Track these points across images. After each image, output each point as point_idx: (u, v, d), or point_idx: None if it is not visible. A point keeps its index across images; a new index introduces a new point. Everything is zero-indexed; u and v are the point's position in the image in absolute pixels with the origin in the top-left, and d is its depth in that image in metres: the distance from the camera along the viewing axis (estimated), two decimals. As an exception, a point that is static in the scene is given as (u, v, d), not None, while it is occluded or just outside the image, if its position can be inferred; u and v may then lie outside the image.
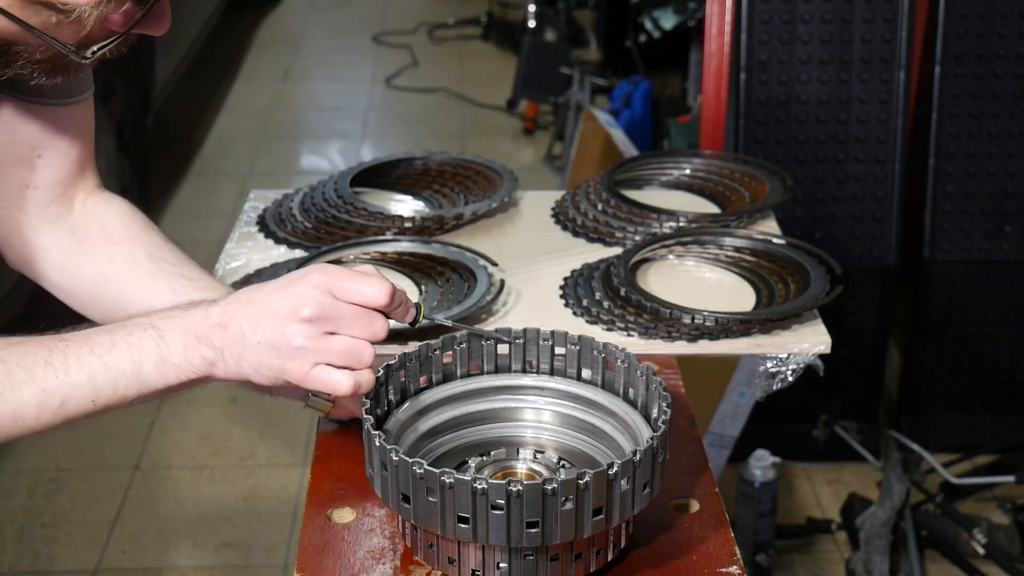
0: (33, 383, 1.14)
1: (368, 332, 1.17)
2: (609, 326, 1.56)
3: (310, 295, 1.16)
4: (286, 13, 6.83)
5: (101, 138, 3.58)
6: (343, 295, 1.17)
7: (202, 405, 3.22)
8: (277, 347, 1.17)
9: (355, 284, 1.17)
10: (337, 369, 1.17)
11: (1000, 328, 2.93)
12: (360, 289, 1.17)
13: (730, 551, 1.19)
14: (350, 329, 1.17)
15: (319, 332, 1.16)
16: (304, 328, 1.16)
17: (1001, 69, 2.79)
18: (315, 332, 1.16)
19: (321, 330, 1.16)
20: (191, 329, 1.18)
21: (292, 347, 1.16)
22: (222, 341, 1.18)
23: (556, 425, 1.30)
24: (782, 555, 2.70)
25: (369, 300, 1.17)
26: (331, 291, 1.16)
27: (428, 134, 5.11)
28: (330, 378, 1.17)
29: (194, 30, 4.78)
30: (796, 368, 1.54)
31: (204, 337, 1.18)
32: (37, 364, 1.15)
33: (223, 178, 4.70)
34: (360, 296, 1.17)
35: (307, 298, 1.16)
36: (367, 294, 1.17)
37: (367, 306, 1.17)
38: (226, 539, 2.77)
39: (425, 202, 1.93)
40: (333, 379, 1.17)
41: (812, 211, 2.83)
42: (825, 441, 2.91)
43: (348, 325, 1.17)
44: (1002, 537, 2.62)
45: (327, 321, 1.16)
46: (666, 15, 4.14)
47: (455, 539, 1.11)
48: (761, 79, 2.78)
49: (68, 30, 1.11)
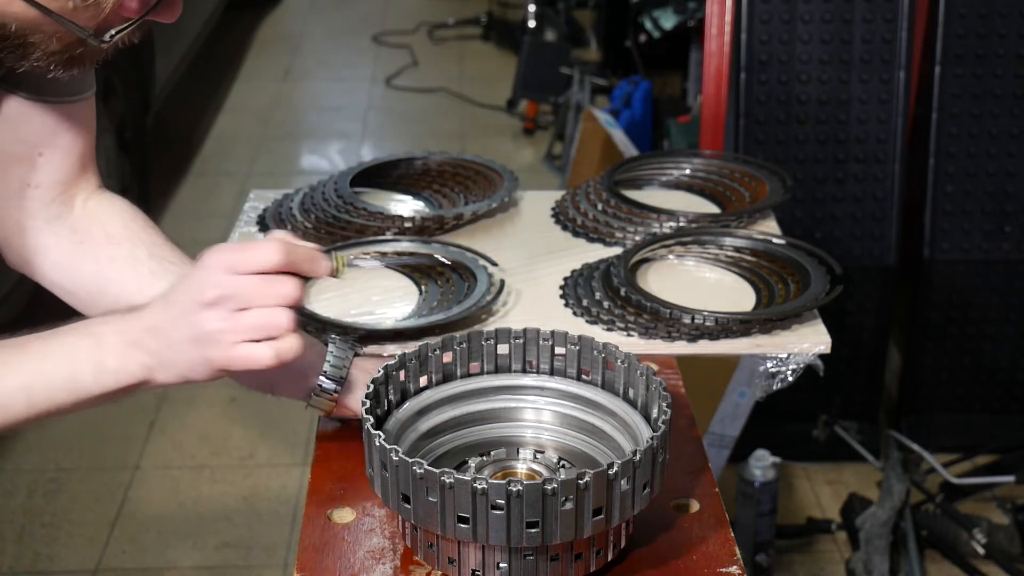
0: None
1: (277, 297, 1.14)
2: (609, 326, 1.56)
3: (208, 278, 1.14)
4: (286, 13, 6.83)
5: (101, 138, 3.56)
6: (240, 267, 1.14)
7: (202, 405, 3.22)
8: (196, 339, 1.15)
9: (246, 253, 1.14)
10: (257, 343, 1.14)
11: (1000, 328, 2.93)
12: (252, 256, 1.14)
13: (730, 551, 1.19)
14: (258, 299, 1.14)
15: (228, 312, 1.13)
16: (212, 312, 1.14)
17: (1001, 69, 2.79)
18: (224, 313, 1.14)
19: (230, 309, 1.13)
20: (127, 335, 1.17)
21: (208, 334, 1.14)
22: (154, 345, 1.17)
23: (556, 425, 1.30)
24: (782, 555, 2.70)
25: (264, 263, 1.14)
26: (227, 268, 1.14)
27: (428, 134, 5.11)
28: (250, 353, 1.14)
29: (194, 30, 4.78)
30: (796, 368, 1.54)
31: (138, 342, 1.17)
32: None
33: (223, 178, 4.70)
34: (255, 262, 1.14)
35: (206, 282, 1.14)
36: (261, 258, 1.14)
37: (267, 271, 1.14)
38: (226, 539, 2.77)
39: (425, 202, 1.93)
40: (255, 353, 1.14)
41: (812, 211, 2.83)
42: (825, 441, 2.91)
43: (254, 296, 1.14)
44: (1002, 537, 2.62)
45: (232, 299, 1.13)
46: (666, 15, 4.14)
47: (455, 539, 1.11)
48: (761, 79, 2.78)
49: (85, 15, 1.11)
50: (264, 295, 1.14)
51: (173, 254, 1.43)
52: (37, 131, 1.34)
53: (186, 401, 3.22)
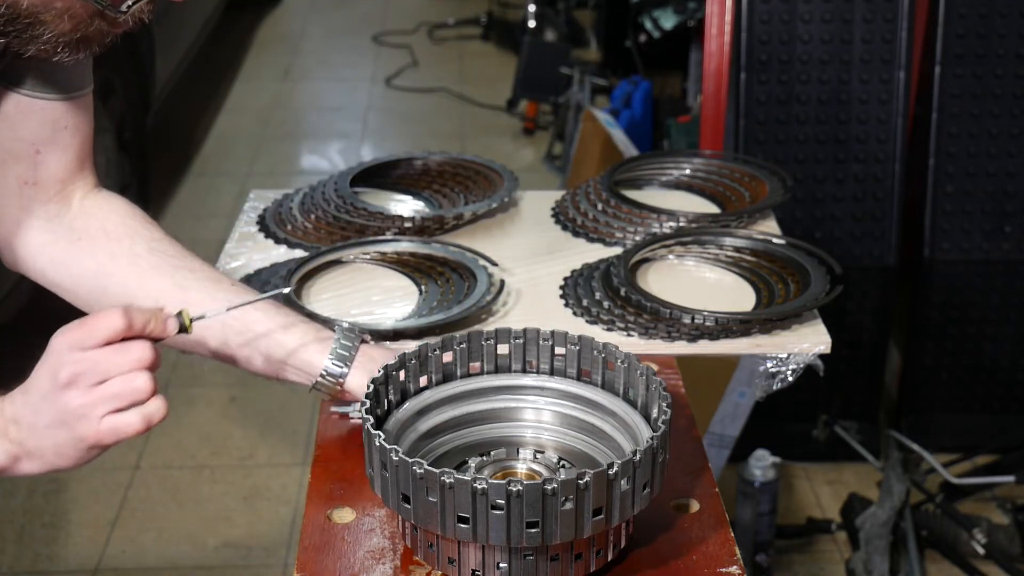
0: None
1: (131, 362, 1.14)
2: (609, 326, 1.56)
3: (58, 359, 1.13)
4: (286, 13, 6.83)
5: (101, 138, 3.58)
6: (87, 342, 1.13)
7: (202, 405, 3.22)
8: (62, 421, 1.14)
9: (88, 326, 1.13)
10: (124, 411, 1.14)
11: (1000, 328, 2.93)
12: (95, 328, 1.13)
13: (730, 551, 1.19)
14: (113, 369, 1.13)
15: (87, 387, 1.13)
16: (72, 391, 1.13)
17: (1001, 69, 2.79)
18: (83, 389, 1.13)
19: (88, 384, 1.13)
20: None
21: (73, 414, 1.14)
22: (17, 435, 1.16)
23: (556, 425, 1.30)
24: (782, 555, 2.70)
25: (109, 332, 1.13)
26: (74, 345, 1.13)
27: (428, 134, 5.11)
28: (119, 422, 1.14)
29: (194, 30, 4.78)
30: (796, 368, 1.54)
31: (3, 432, 1.16)
32: None
33: (223, 178, 4.70)
34: (100, 334, 1.13)
35: (57, 363, 1.13)
36: (104, 328, 1.13)
37: (114, 340, 1.14)
38: (226, 539, 2.77)
39: (425, 202, 1.93)
40: (122, 422, 1.14)
41: (812, 211, 2.83)
42: (825, 441, 2.91)
43: (109, 367, 1.13)
44: (1002, 537, 2.62)
45: (87, 374, 1.13)
46: (666, 15, 4.14)
47: (455, 539, 1.11)
48: (761, 79, 2.78)
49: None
50: (118, 363, 1.13)
51: (173, 248, 1.43)
52: (35, 129, 1.34)
53: (186, 401, 3.23)
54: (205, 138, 5.09)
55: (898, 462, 2.71)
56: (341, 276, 1.71)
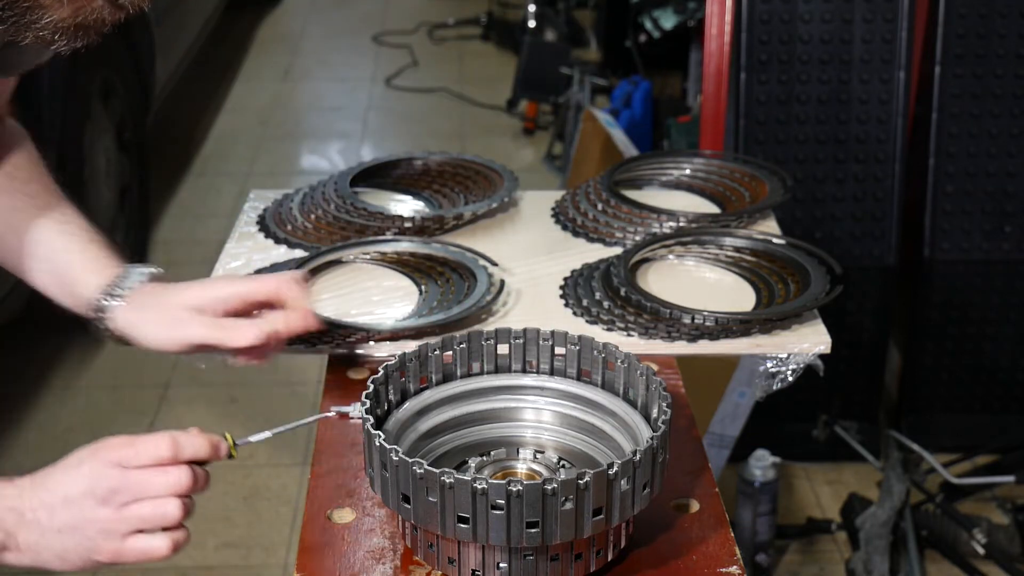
0: None
1: (167, 487, 1.14)
2: (609, 326, 1.56)
3: (100, 472, 1.13)
4: (286, 13, 6.83)
5: (101, 138, 3.58)
6: (130, 462, 1.14)
7: (202, 405, 3.22)
8: (80, 531, 1.13)
9: (135, 449, 1.14)
10: (151, 534, 1.15)
11: (1000, 328, 2.93)
12: (142, 452, 1.14)
13: (730, 551, 1.19)
14: (149, 492, 1.14)
15: (119, 505, 1.13)
16: (104, 508, 1.13)
17: (1001, 69, 2.79)
18: (115, 507, 1.13)
19: (120, 502, 1.13)
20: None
21: (96, 527, 1.13)
22: (15, 526, 1.14)
23: (556, 425, 1.29)
24: (782, 555, 2.70)
25: (154, 458, 1.14)
26: (117, 463, 1.13)
27: (428, 134, 5.11)
28: (147, 545, 1.15)
29: (194, 30, 4.78)
30: (796, 368, 1.54)
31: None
32: None
33: (223, 178, 4.70)
34: (144, 458, 1.14)
35: (98, 476, 1.13)
36: (150, 454, 1.14)
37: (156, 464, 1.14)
38: (226, 539, 2.77)
39: (425, 202, 1.93)
40: (150, 545, 1.15)
41: (812, 211, 2.83)
42: (825, 441, 2.91)
43: (145, 489, 1.14)
44: (1002, 537, 2.62)
45: (123, 492, 1.13)
46: (666, 15, 4.14)
47: (455, 539, 1.11)
48: (761, 79, 2.78)
49: None
50: (154, 486, 1.14)
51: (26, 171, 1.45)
52: None
53: (186, 401, 3.23)
54: (205, 138, 5.09)
55: (898, 462, 2.71)
56: (341, 276, 1.70)
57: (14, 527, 1.14)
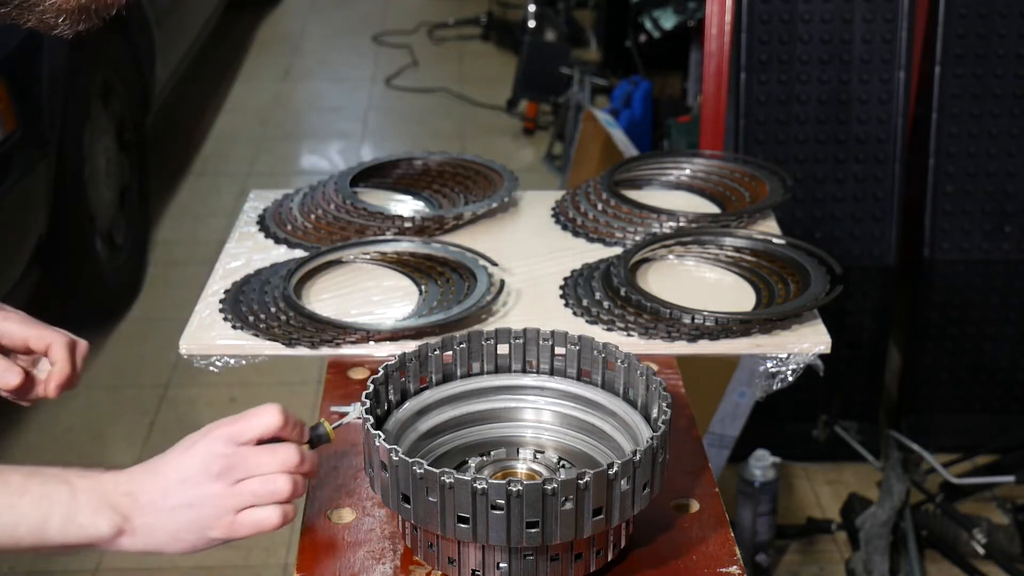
0: None
1: (277, 464, 1.17)
2: (609, 326, 1.56)
3: (213, 450, 1.16)
4: (286, 13, 6.83)
5: (101, 138, 3.58)
6: (241, 437, 1.17)
7: (202, 405, 3.22)
8: (194, 507, 1.16)
9: (245, 422, 1.17)
10: (262, 507, 1.17)
11: (1000, 328, 2.93)
12: (252, 425, 1.17)
13: (730, 551, 1.19)
14: (260, 469, 1.16)
15: (232, 481, 1.16)
16: (218, 484, 1.16)
17: (1001, 69, 2.79)
18: (228, 483, 1.16)
19: (233, 479, 1.16)
20: (104, 495, 1.17)
21: (209, 504, 1.16)
22: (131, 510, 1.16)
23: (556, 425, 1.30)
24: (782, 555, 2.70)
25: (264, 429, 1.17)
26: (230, 439, 1.16)
27: (428, 134, 5.11)
28: (259, 518, 1.17)
29: (194, 30, 4.78)
30: (796, 368, 1.54)
31: (114, 504, 1.16)
32: None
33: (223, 178, 4.70)
34: (256, 430, 1.17)
35: (211, 454, 1.16)
36: (260, 424, 1.17)
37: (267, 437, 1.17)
38: (226, 539, 2.77)
39: (425, 202, 1.93)
40: (262, 517, 1.17)
41: (812, 211, 2.83)
42: (825, 441, 2.91)
43: (256, 466, 1.16)
44: (1002, 537, 2.62)
45: (236, 469, 1.16)
46: (666, 15, 4.14)
47: (455, 539, 1.11)
48: (761, 79, 2.78)
49: None
50: (265, 463, 1.17)
51: None
52: None
53: (186, 401, 3.22)
54: (205, 138, 5.09)
55: (898, 462, 2.71)
56: (341, 276, 1.71)
57: (130, 511, 1.16)
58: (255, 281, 1.67)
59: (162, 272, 3.94)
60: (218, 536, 1.17)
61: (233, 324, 1.57)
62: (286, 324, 1.55)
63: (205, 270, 1.73)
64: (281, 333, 1.53)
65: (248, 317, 1.57)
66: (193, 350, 1.56)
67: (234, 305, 1.61)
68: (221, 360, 1.55)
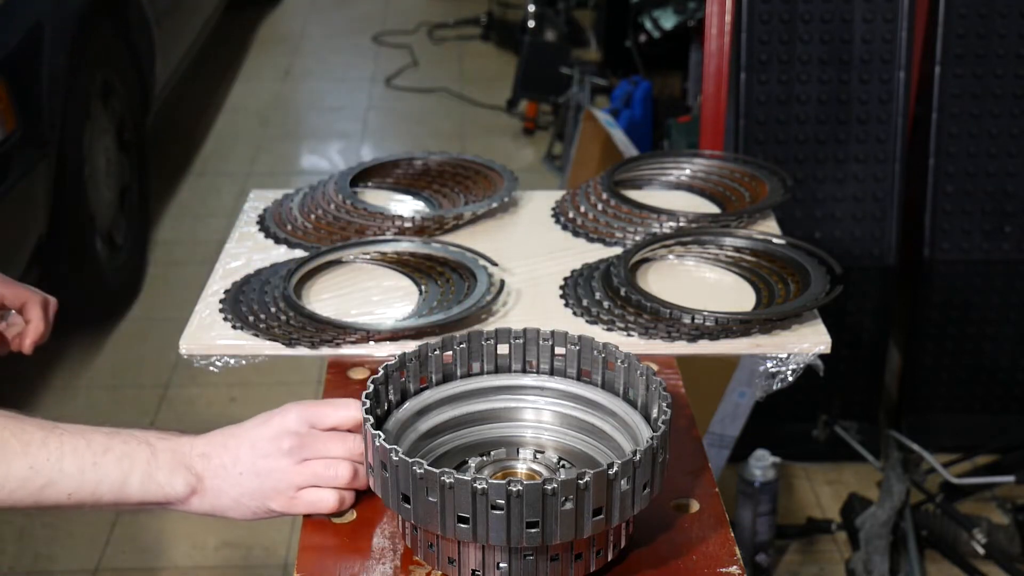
0: (26, 457, 1.16)
1: (343, 451, 1.22)
2: (609, 326, 1.56)
3: (288, 425, 1.22)
4: (286, 13, 6.83)
5: (101, 138, 3.58)
6: (319, 422, 1.23)
7: (202, 405, 3.22)
8: (260, 476, 1.21)
9: (327, 409, 1.23)
10: (322, 489, 1.22)
11: (1000, 328, 2.93)
12: (332, 413, 1.23)
13: (730, 551, 1.19)
14: (327, 452, 1.22)
15: (299, 459, 1.21)
16: (285, 459, 1.21)
17: (1001, 69, 2.79)
18: (295, 460, 1.21)
19: (301, 457, 1.21)
20: (181, 455, 1.22)
21: (274, 477, 1.21)
22: (204, 470, 1.22)
23: (556, 425, 1.29)
24: (782, 555, 2.70)
25: (342, 420, 1.23)
26: (307, 420, 1.22)
27: (428, 134, 5.11)
28: (317, 498, 1.21)
29: (194, 30, 4.78)
30: (796, 368, 1.54)
31: (189, 465, 1.22)
32: (33, 442, 1.17)
33: (223, 178, 4.70)
34: (334, 419, 1.23)
35: (286, 429, 1.22)
36: (341, 416, 1.23)
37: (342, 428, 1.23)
38: (226, 539, 2.77)
39: (425, 202, 1.93)
40: (320, 498, 1.21)
41: (812, 211, 2.83)
42: (825, 441, 2.92)
43: (324, 448, 1.22)
44: (1002, 537, 2.62)
45: (305, 448, 1.21)
46: (666, 15, 4.14)
47: (455, 539, 1.11)
48: (761, 79, 2.78)
49: None
50: (333, 449, 1.22)
51: None
52: None
53: (186, 401, 3.22)
54: (205, 138, 5.09)
55: (898, 462, 2.71)
56: (341, 276, 1.71)
57: (202, 471, 1.22)
58: (255, 281, 1.67)
59: (162, 272, 3.94)
60: (277, 508, 1.21)
61: (233, 324, 1.57)
62: (286, 324, 1.55)
63: (205, 270, 1.73)
64: (281, 333, 1.53)
65: (248, 317, 1.57)
66: (193, 350, 1.56)
67: (234, 305, 1.61)
68: (221, 360, 1.55)
